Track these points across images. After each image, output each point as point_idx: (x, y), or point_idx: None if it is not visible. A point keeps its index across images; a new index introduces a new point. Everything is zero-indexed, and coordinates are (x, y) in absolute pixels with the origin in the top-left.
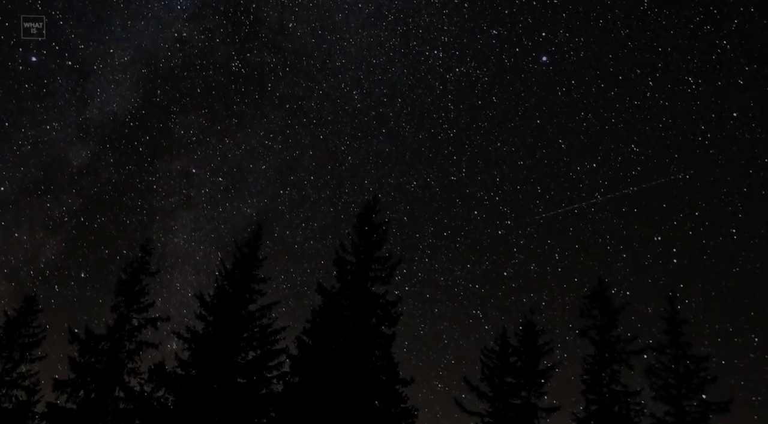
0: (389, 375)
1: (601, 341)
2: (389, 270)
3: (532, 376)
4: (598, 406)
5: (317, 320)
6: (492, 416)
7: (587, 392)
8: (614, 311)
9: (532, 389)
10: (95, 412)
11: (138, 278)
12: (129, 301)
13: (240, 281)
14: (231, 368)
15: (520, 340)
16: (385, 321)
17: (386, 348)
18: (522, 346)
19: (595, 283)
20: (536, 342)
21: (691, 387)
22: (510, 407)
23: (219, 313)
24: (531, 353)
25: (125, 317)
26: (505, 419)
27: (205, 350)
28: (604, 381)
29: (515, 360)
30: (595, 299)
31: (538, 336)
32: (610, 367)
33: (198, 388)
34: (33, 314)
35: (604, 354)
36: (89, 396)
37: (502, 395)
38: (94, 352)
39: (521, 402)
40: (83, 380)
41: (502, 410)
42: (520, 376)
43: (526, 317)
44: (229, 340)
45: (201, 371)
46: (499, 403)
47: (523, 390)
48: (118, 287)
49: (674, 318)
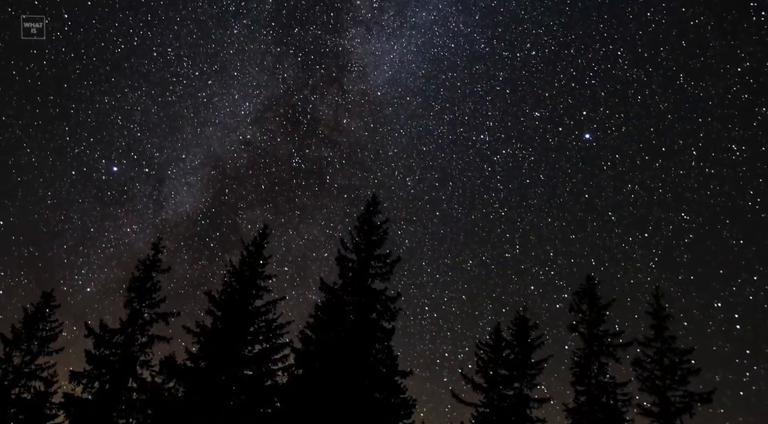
0: (389, 367)
1: (589, 335)
2: (389, 267)
3: (525, 368)
4: (587, 397)
5: (320, 315)
6: (486, 406)
7: (577, 383)
8: (602, 306)
9: (525, 380)
10: (110, 402)
11: (150, 275)
12: (141, 297)
13: (246, 277)
14: (238, 360)
15: (513, 334)
16: (385, 316)
17: (386, 341)
18: (515, 340)
19: (584, 280)
20: (528, 336)
21: (675, 379)
22: (503, 397)
23: (227, 308)
24: (524, 346)
25: (138, 312)
26: (498, 409)
27: (214, 344)
28: (592, 373)
29: (509, 353)
30: (583, 296)
31: (531, 331)
32: (599, 360)
33: (206, 379)
34: (50, 308)
35: (592, 348)
36: (104, 387)
37: (496, 386)
38: (108, 345)
39: (514, 393)
40: (98, 372)
41: (496, 400)
42: (513, 368)
43: (519, 312)
44: (236, 334)
45: (209, 363)
46: (493, 394)
47: (516, 382)
48: (130, 283)
49: (659, 313)
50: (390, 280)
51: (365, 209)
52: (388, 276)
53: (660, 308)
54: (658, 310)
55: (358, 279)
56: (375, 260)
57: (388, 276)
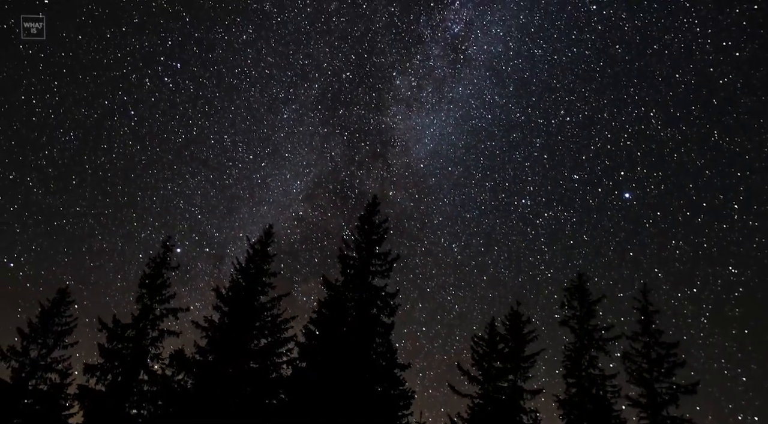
0: (388, 360)
1: (580, 329)
2: (388, 265)
3: (519, 361)
4: (578, 389)
5: (323, 311)
6: (482, 397)
7: (568, 376)
8: (592, 302)
9: (519, 373)
10: (122, 393)
11: (160, 272)
12: (152, 293)
13: (252, 275)
14: (244, 354)
15: (507, 329)
16: (385, 311)
17: (386, 336)
18: (509, 334)
19: (575, 277)
20: (522, 331)
21: (662, 371)
22: (498, 389)
23: (233, 304)
24: (517, 340)
25: (148, 307)
26: (493, 400)
27: (221, 338)
28: (583, 366)
29: (503, 347)
30: (574, 292)
31: (524, 325)
32: (589, 353)
33: (214, 372)
34: (65, 304)
35: (583, 342)
36: (116, 379)
37: (491, 378)
38: (120, 339)
39: (508, 385)
40: (111, 365)
41: (491, 392)
42: (508, 361)
43: (512, 308)
44: (243, 328)
45: (217, 357)
46: (488, 386)
47: (510, 374)
48: (142, 280)
49: (646, 308)
50: (389, 277)
51: (366, 210)
52: (387, 273)
53: (647, 303)
54: (645, 306)
55: (359, 276)
56: (375, 258)
57: (388, 273)
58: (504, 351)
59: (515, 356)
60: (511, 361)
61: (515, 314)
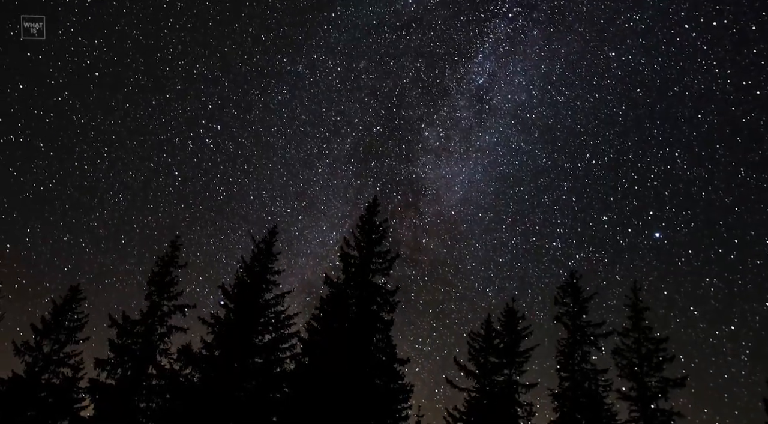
0: (388, 355)
1: (573, 325)
2: (388, 263)
3: (514, 356)
4: (571, 382)
5: (325, 307)
6: (478, 391)
7: (561, 370)
8: (584, 299)
9: (514, 367)
10: (131, 387)
11: (168, 270)
12: (160, 290)
13: (257, 272)
14: (249, 349)
15: (502, 324)
16: (385, 308)
17: (385, 332)
18: (504, 330)
19: (568, 274)
20: (517, 326)
21: (652, 365)
22: (494, 383)
23: (239, 301)
24: (513, 335)
25: (157, 304)
26: (490, 394)
27: (227, 334)
28: (575, 361)
29: (498, 342)
30: (567, 289)
31: (519, 321)
32: (581, 348)
33: (220, 366)
34: (77, 301)
35: (575, 337)
36: (126, 373)
37: (487, 373)
38: (130, 335)
39: (504, 379)
40: (121, 359)
41: (487, 385)
42: (503, 356)
43: (508, 304)
44: (248, 325)
45: (223, 352)
46: (484, 380)
47: (505, 368)
48: (150, 277)
49: (637, 305)
50: (389, 275)
51: (366, 210)
52: (387, 271)
53: (637, 300)
54: (635, 302)
55: (359, 274)
56: (375, 257)
57: (388, 271)
58: (500, 346)
59: (511, 351)
60: (506, 356)
61: (510, 310)
